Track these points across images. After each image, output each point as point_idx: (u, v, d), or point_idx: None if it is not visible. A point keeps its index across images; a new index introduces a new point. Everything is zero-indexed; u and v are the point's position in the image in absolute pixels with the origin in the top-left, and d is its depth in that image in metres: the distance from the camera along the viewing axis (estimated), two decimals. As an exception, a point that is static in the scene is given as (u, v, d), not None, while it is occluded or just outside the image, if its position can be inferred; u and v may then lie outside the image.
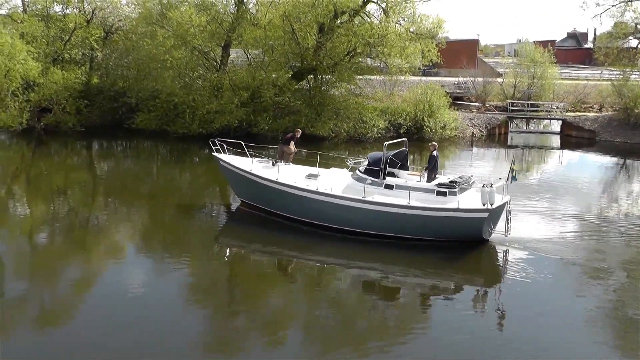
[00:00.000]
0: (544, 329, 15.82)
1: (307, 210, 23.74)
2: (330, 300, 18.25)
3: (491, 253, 22.17)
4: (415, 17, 46.22)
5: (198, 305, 17.56)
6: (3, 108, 43.84)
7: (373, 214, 22.38)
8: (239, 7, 46.69)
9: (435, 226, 21.93)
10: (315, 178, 23.85)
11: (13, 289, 18.26)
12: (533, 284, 18.96)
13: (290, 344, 15.53)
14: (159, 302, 17.21)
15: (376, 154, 23.74)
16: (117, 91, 49.08)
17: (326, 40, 44.63)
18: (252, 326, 16.38)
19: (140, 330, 15.54)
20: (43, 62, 46.22)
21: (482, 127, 51.72)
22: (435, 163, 23.47)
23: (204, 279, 19.75)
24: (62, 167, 37.99)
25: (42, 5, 50.40)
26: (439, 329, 16.12)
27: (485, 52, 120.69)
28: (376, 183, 22.86)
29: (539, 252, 21.59)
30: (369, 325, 16.50)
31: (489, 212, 21.44)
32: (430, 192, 22.21)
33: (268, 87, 44.36)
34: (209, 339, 15.73)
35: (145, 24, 47.45)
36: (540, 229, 24.53)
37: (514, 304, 17.71)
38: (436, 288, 19.15)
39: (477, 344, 15.29)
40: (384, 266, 20.68)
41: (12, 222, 25.76)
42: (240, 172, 25.55)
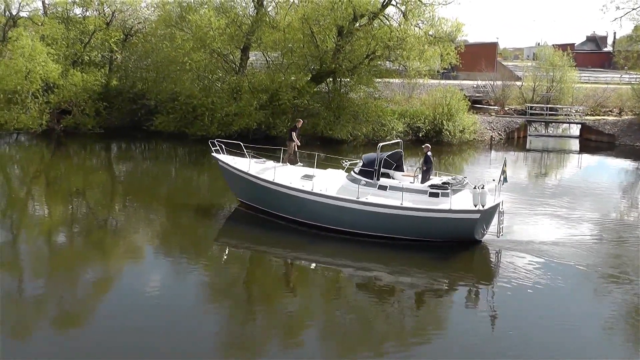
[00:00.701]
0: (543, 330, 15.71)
1: (302, 210, 24.03)
2: (345, 302, 18.23)
3: (484, 254, 22.30)
4: (434, 20, 45.89)
5: (215, 306, 17.63)
6: (23, 110, 44.14)
7: (366, 214, 22.63)
8: (258, 10, 46.70)
9: (428, 227, 22.17)
10: (311, 179, 24.18)
11: (32, 290, 18.36)
12: (540, 290, 18.69)
13: (307, 345, 15.50)
14: (177, 303, 17.21)
15: (371, 155, 23.90)
16: (136, 93, 49.35)
17: (345, 43, 44.52)
18: (270, 327, 16.41)
19: (158, 331, 15.54)
20: (63, 64, 46.48)
21: (500, 130, 51.38)
22: (429, 164, 23.74)
23: (221, 280, 19.80)
24: (81, 168, 38.16)
25: (63, 8, 50.76)
26: (454, 331, 16.15)
27: (504, 56, 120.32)
28: (370, 184, 23.10)
29: (536, 255, 21.48)
30: (386, 328, 16.48)
31: (481, 213, 21.67)
32: (423, 193, 22.48)
33: (287, 89, 44.29)
34: (227, 340, 15.76)
35: (165, 26, 47.55)
36: (548, 232, 24.47)
37: (518, 306, 17.63)
38: (442, 289, 19.36)
39: (491, 345, 15.37)
40: (396, 267, 20.66)
41: (31, 222, 25.91)
42: (238, 173, 25.88)
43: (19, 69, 43.43)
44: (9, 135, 45.31)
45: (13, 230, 24.91)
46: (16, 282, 18.95)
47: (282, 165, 26.27)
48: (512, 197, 30.76)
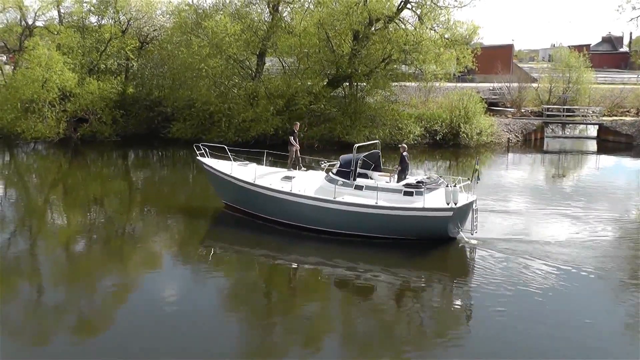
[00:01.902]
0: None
1: (281, 211, 24.48)
2: (360, 306, 18.10)
3: (460, 252, 22.54)
4: (450, 23, 45.75)
5: (234, 313, 17.61)
6: (40, 119, 44.37)
7: (342, 214, 23.05)
8: (273, 16, 46.69)
9: (402, 225, 22.53)
10: (290, 180, 24.69)
11: (51, 298, 18.44)
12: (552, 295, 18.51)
13: (327, 351, 15.51)
14: (196, 310, 17.15)
15: (348, 156, 24.18)
16: (152, 100, 49.43)
17: (361, 47, 44.44)
18: (289, 333, 16.37)
19: (177, 337, 15.45)
20: (79, 72, 46.70)
21: (517, 132, 51.06)
22: (405, 164, 24.06)
23: (239, 286, 19.78)
24: (98, 176, 38.24)
25: (78, 17, 50.97)
26: (474, 337, 15.89)
27: (519, 58, 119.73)
28: (347, 184, 23.47)
29: (538, 257, 21.36)
30: (407, 331, 16.44)
31: (453, 211, 21.96)
32: (398, 192, 22.88)
33: (303, 94, 44.26)
34: (248, 346, 15.67)
35: (180, 33, 47.66)
36: (560, 233, 24.36)
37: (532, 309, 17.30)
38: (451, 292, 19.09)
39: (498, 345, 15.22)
40: (392, 267, 20.80)
41: (50, 231, 26.02)
42: (221, 175, 26.43)
43: (36, 78, 43.64)
44: (26, 144, 45.53)
45: (32, 238, 25.02)
46: (36, 290, 19.01)
47: (266, 167, 27.00)
48: (528, 199, 30.70)
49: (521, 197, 31.38)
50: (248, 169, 26.34)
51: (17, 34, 52.30)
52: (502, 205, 29.01)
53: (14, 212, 29.06)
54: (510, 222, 26.09)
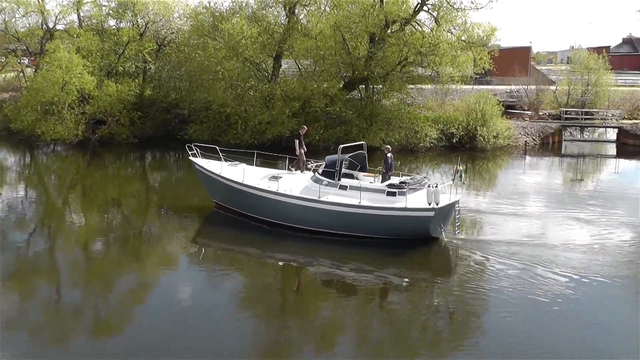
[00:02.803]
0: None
1: (267, 210, 25.00)
2: (374, 308, 18.21)
3: (443, 252, 22.93)
4: (467, 25, 45.58)
5: (249, 314, 17.68)
6: (60, 121, 44.78)
7: (327, 213, 23.47)
8: (290, 18, 46.87)
9: (385, 225, 22.89)
10: (277, 180, 25.12)
11: (70, 297, 18.68)
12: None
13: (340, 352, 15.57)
14: (212, 311, 17.30)
15: (333, 157, 24.69)
16: (169, 103, 49.80)
17: (377, 49, 44.42)
18: (303, 334, 16.51)
19: (193, 337, 15.58)
20: (98, 75, 47.20)
21: (535, 135, 50.84)
22: (389, 164, 24.50)
23: (254, 288, 19.89)
24: (116, 177, 38.60)
25: (97, 20, 51.55)
26: (488, 340, 15.91)
27: (537, 60, 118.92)
28: (332, 184, 23.91)
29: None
30: (420, 334, 16.53)
31: (435, 211, 22.25)
32: (381, 192, 23.28)
33: (319, 97, 44.33)
34: (261, 345, 15.86)
35: (197, 36, 47.97)
36: (578, 237, 24.33)
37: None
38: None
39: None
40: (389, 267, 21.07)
41: (68, 231, 26.33)
42: (210, 175, 27.04)
43: (56, 81, 44.16)
44: (46, 146, 46.03)
45: (51, 238, 25.37)
46: (54, 289, 19.27)
47: (256, 167, 27.52)
48: (544, 203, 30.59)
49: (537, 200, 31.27)
50: (237, 169, 26.83)
51: (38, 37, 52.94)
52: (516, 208, 29.12)
53: (34, 211, 29.50)
54: (523, 225, 26.10)
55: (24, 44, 53.90)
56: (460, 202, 28.67)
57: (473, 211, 28.47)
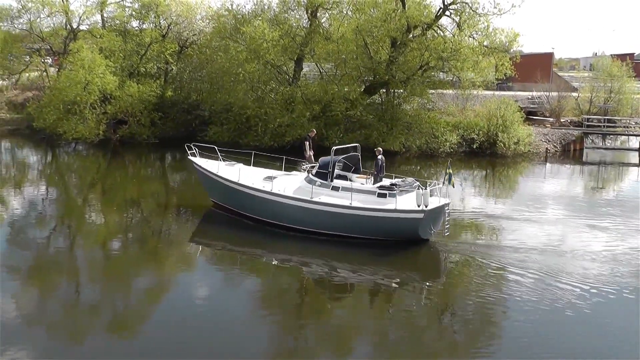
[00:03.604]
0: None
1: (261, 209, 25.45)
2: (395, 314, 18.06)
3: (432, 252, 23.31)
4: (489, 30, 45.35)
5: (266, 314, 17.72)
6: (81, 120, 45.10)
7: (318, 213, 23.81)
8: (311, 22, 46.92)
9: (376, 225, 23.19)
10: (272, 180, 25.51)
11: (88, 295, 18.82)
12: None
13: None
14: (229, 311, 17.42)
15: (326, 158, 24.96)
16: (190, 104, 50.08)
17: (399, 54, 44.35)
18: (320, 336, 16.51)
19: (208, 338, 15.65)
20: (120, 75, 47.47)
21: (556, 142, 50.43)
22: (380, 167, 25.01)
23: (270, 290, 19.92)
24: (136, 177, 38.79)
25: (121, 21, 51.97)
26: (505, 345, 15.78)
27: (560, 66, 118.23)
28: (325, 185, 24.28)
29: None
30: (438, 339, 16.36)
31: (424, 213, 22.57)
32: (372, 194, 23.62)
33: (340, 101, 44.31)
34: (278, 348, 15.82)
35: (219, 38, 48.18)
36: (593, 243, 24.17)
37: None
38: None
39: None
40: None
41: (87, 230, 26.56)
42: (208, 174, 27.59)
43: (79, 81, 44.50)
44: (67, 145, 46.42)
45: (71, 236, 25.54)
46: (73, 287, 19.39)
47: (252, 167, 28.00)
48: (563, 210, 30.34)
49: (556, 208, 31.00)
50: (234, 168, 27.32)
51: (62, 37, 53.51)
52: (534, 215, 28.99)
53: (55, 210, 29.71)
54: (541, 232, 25.95)
55: (48, 44, 54.46)
56: (479, 207, 28.63)
57: (491, 217, 28.50)
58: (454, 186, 24.21)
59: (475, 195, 35.06)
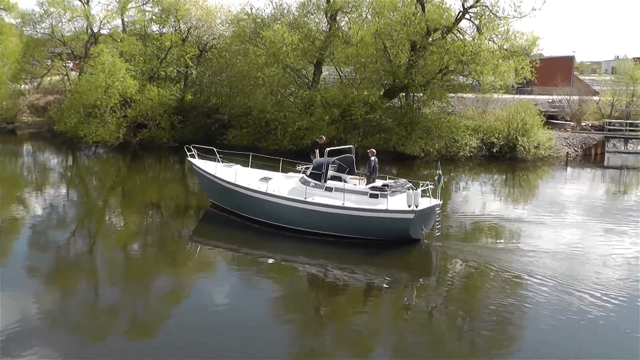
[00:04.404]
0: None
1: (257, 210, 25.94)
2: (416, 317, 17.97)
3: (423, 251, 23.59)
4: (509, 34, 45.09)
5: (285, 318, 17.67)
6: (102, 124, 45.42)
7: (312, 213, 24.19)
8: (331, 25, 46.99)
9: (367, 225, 23.50)
10: (267, 181, 26.04)
11: (107, 297, 18.86)
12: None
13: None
14: (248, 314, 17.33)
15: (321, 160, 25.48)
16: (210, 108, 50.31)
17: (418, 57, 44.20)
18: (339, 340, 16.37)
19: (226, 340, 15.70)
20: (140, 79, 47.82)
21: (577, 147, 50.00)
22: (373, 168, 25.25)
23: (289, 293, 19.84)
24: (155, 180, 39.00)
25: (141, 25, 52.33)
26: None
27: (581, 70, 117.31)
28: (318, 186, 24.68)
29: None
30: (458, 344, 16.18)
31: (415, 214, 22.88)
32: (364, 194, 23.95)
33: (359, 104, 44.29)
34: (297, 350, 15.85)
35: (239, 42, 48.39)
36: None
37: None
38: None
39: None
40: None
41: (107, 232, 26.70)
42: (206, 175, 28.19)
43: (99, 84, 44.87)
44: (88, 148, 46.75)
45: (91, 238, 25.66)
46: (93, 289, 19.47)
47: (250, 169, 28.45)
48: (583, 215, 30.10)
49: (576, 212, 30.71)
50: (231, 170, 27.77)
51: (83, 41, 54.06)
52: (554, 219, 28.79)
53: (75, 212, 29.92)
54: (559, 236, 25.80)
55: (69, 48, 55.05)
56: (500, 211, 28.43)
57: (509, 220, 28.47)
58: (443, 187, 24.52)
59: (495, 199, 34.93)
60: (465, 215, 30.24)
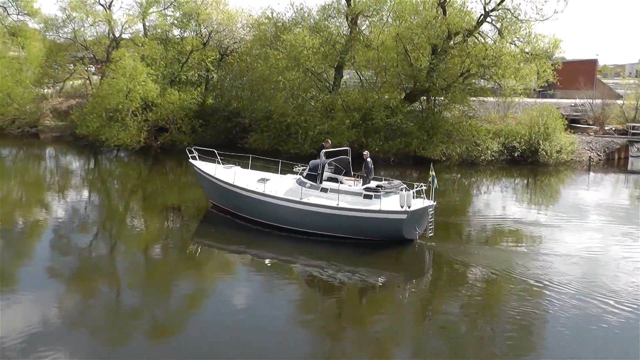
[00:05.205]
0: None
1: (254, 210, 26.51)
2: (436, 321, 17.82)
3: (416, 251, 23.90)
4: (531, 37, 44.78)
5: (305, 321, 17.68)
6: (123, 127, 45.70)
7: (307, 213, 24.66)
8: (352, 29, 46.94)
9: (361, 226, 23.94)
10: (265, 182, 26.67)
11: (129, 300, 18.97)
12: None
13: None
14: (268, 318, 17.32)
15: (316, 161, 25.88)
16: (231, 111, 50.42)
17: (439, 61, 44.05)
18: (359, 346, 16.32)
19: (249, 344, 15.65)
20: (161, 83, 48.06)
21: (600, 151, 49.53)
22: (370, 169, 25.61)
23: (310, 296, 19.85)
24: (176, 184, 39.09)
25: (162, 30, 52.58)
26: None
27: (604, 73, 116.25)
28: (314, 186, 25.20)
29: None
30: (476, 344, 16.00)
31: (407, 214, 23.27)
32: (359, 195, 24.39)
33: (380, 108, 44.20)
34: (317, 353, 15.84)
35: (259, 46, 48.49)
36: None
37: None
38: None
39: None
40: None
41: (129, 235, 26.85)
42: (206, 176, 28.89)
43: (120, 88, 45.18)
44: (109, 151, 47.04)
45: (112, 241, 25.78)
46: (114, 292, 19.50)
47: (249, 170, 29.08)
48: (604, 219, 29.79)
49: (598, 217, 30.38)
50: (230, 171, 28.41)
51: (105, 45, 54.37)
52: (574, 224, 28.66)
53: (97, 215, 30.05)
54: (579, 240, 25.64)
55: (91, 52, 55.44)
56: (519, 215, 28.22)
57: (528, 224, 28.37)
58: (437, 187, 24.66)
59: (515, 203, 34.68)
60: (486, 218, 30.31)
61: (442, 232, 25.40)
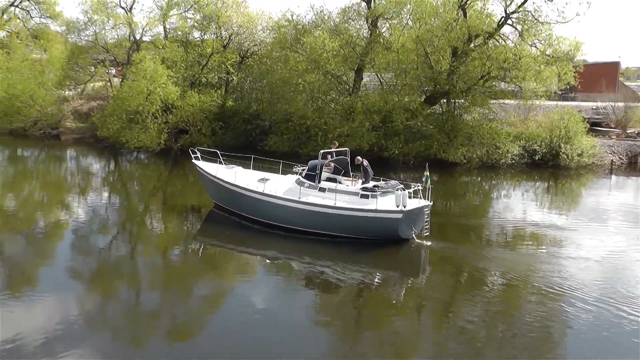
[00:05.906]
0: None
1: (253, 209, 26.99)
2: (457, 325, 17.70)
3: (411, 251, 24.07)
4: (552, 39, 44.45)
5: (324, 325, 17.63)
6: (143, 129, 45.93)
7: (305, 213, 25.08)
8: (372, 31, 46.83)
9: (358, 225, 24.26)
10: (264, 182, 27.15)
11: (148, 302, 19.06)
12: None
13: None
14: (286, 321, 17.29)
15: (315, 161, 26.23)
16: (251, 114, 50.45)
17: (460, 63, 43.85)
18: (378, 347, 16.22)
19: (264, 346, 15.67)
20: (181, 85, 48.25)
21: (622, 154, 49.03)
22: (365, 170, 25.88)
23: (329, 299, 19.77)
24: (196, 186, 39.00)
25: (182, 32, 52.77)
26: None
27: (626, 75, 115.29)
28: (312, 186, 25.57)
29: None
30: (496, 348, 15.86)
31: (403, 214, 23.53)
32: (355, 195, 24.73)
33: (400, 111, 44.03)
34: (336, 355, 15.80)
35: (280, 48, 48.47)
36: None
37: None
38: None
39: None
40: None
41: (148, 236, 27.02)
42: (208, 176, 29.48)
43: (141, 91, 45.43)
44: (130, 153, 47.32)
45: (132, 242, 25.95)
46: (134, 293, 19.60)
47: (250, 170, 29.72)
48: (625, 223, 29.48)
49: (619, 221, 30.06)
50: (231, 171, 28.94)
51: (125, 48, 54.70)
52: (595, 227, 28.41)
53: (117, 217, 30.23)
54: (598, 244, 25.42)
55: (112, 55, 55.86)
56: (538, 218, 28.05)
57: (547, 227, 28.27)
58: (431, 187, 24.95)
59: (535, 206, 34.52)
60: (506, 220, 30.37)
61: (461, 235, 25.34)
